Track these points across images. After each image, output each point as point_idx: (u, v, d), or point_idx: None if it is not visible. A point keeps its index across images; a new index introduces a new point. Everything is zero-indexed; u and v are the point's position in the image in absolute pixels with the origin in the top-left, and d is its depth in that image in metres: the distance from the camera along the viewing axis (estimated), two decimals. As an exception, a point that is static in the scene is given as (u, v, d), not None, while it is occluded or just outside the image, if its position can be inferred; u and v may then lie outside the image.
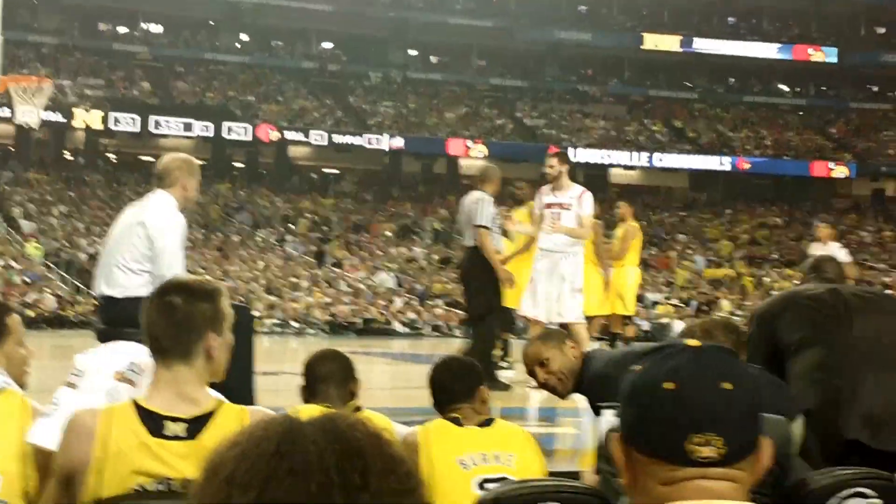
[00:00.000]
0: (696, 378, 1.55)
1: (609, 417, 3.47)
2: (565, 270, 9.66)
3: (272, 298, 26.12)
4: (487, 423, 3.62)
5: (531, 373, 4.34)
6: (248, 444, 1.22)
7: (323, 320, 25.19)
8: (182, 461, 2.69)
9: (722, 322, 3.87)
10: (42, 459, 3.05)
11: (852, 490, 3.13)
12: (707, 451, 1.52)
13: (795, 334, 4.30)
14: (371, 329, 25.08)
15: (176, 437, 2.71)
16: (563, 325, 9.45)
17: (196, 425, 2.72)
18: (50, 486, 2.81)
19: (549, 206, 9.91)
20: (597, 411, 3.76)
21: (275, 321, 24.44)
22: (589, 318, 13.17)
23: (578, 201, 9.71)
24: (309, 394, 3.90)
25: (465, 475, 3.38)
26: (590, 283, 12.77)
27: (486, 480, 3.31)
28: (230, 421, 2.74)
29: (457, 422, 3.60)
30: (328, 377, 3.90)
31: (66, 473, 2.72)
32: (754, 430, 1.57)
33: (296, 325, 24.53)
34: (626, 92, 51.92)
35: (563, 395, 4.29)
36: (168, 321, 2.80)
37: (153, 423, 2.72)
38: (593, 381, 4.16)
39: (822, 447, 3.83)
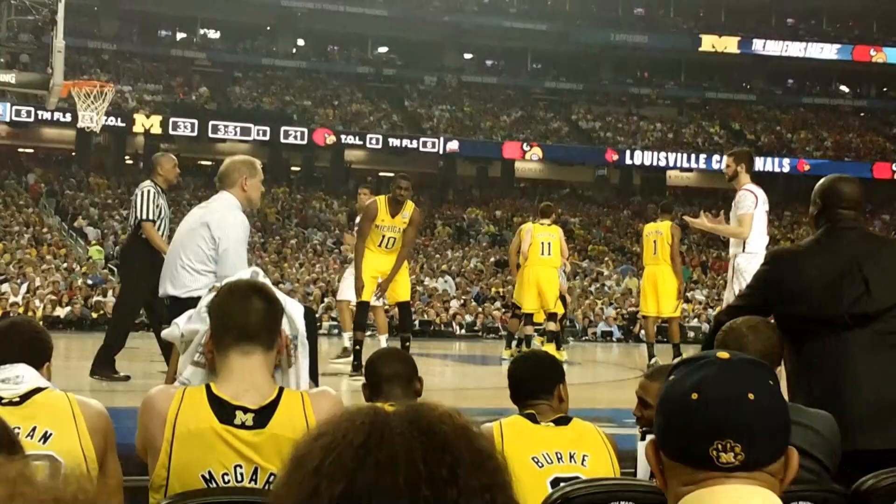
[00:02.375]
0: (721, 388, 1.64)
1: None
2: None
3: (329, 300, 26.21)
4: (564, 421, 3.59)
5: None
6: (336, 434, 1.21)
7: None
8: (251, 450, 2.74)
9: (761, 320, 3.79)
10: (100, 443, 3.16)
11: None
12: (727, 457, 1.61)
13: (793, 319, 4.17)
14: (428, 331, 25.10)
15: (244, 426, 2.75)
16: None
17: (263, 415, 2.78)
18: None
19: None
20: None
21: (332, 323, 24.53)
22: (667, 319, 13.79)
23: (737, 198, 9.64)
24: (373, 393, 3.87)
25: (539, 473, 3.37)
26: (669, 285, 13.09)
27: (559, 479, 3.29)
28: (294, 407, 2.81)
29: (532, 418, 3.58)
30: (393, 376, 3.87)
31: (143, 448, 2.81)
32: (777, 440, 1.65)
33: (353, 327, 24.61)
34: (682, 94, 51.56)
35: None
36: (257, 310, 2.92)
37: (223, 410, 2.78)
38: None
39: None
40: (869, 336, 4.03)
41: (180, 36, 49.82)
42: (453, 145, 44.08)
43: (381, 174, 47.89)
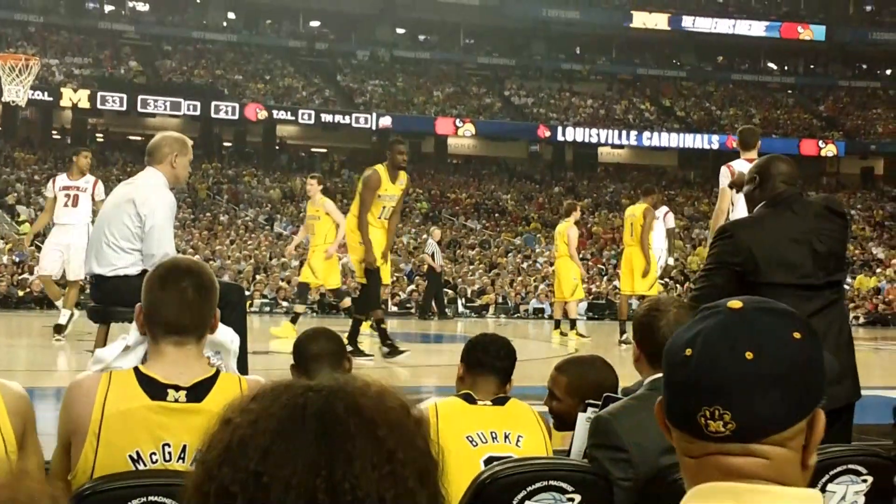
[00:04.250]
0: (715, 345, 1.43)
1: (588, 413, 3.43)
2: None
3: (261, 277, 26.05)
4: (501, 401, 3.60)
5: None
6: (253, 416, 1.24)
7: (312, 300, 25.10)
8: (182, 426, 2.70)
9: (672, 300, 3.82)
10: (19, 425, 3.10)
11: (844, 467, 3.10)
12: (716, 426, 1.40)
13: (753, 285, 4.33)
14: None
15: (177, 402, 2.71)
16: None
17: (197, 391, 2.74)
18: (55, 452, 2.84)
19: None
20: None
21: (263, 301, 24.38)
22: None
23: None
24: (301, 373, 3.82)
25: (473, 452, 3.38)
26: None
27: (493, 458, 3.29)
28: (230, 388, 2.75)
29: (469, 398, 3.58)
30: (321, 355, 3.83)
31: (67, 437, 2.73)
32: (785, 404, 1.41)
33: (285, 304, 24.46)
34: (614, 70, 51.86)
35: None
36: (186, 305, 2.83)
37: (154, 389, 2.74)
38: None
39: None
40: (818, 303, 4.30)
41: (108, 8, 48.91)
42: (386, 121, 43.92)
43: (313, 150, 47.64)
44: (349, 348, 10.36)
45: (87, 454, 2.69)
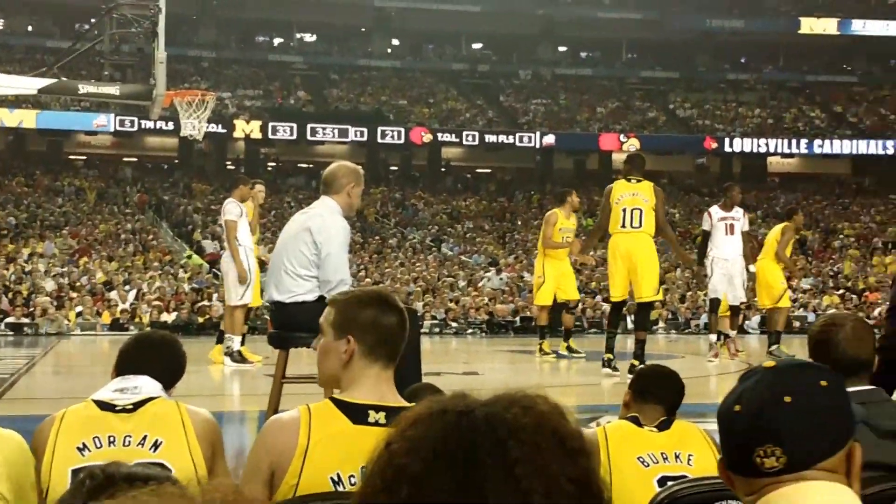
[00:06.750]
0: (758, 397, 1.72)
1: None
2: None
3: (429, 298, 26.35)
4: (666, 424, 3.61)
5: None
6: (412, 441, 1.26)
7: (481, 319, 25.29)
8: None
9: (848, 315, 3.71)
10: (208, 450, 3.24)
11: None
12: (770, 462, 1.67)
13: None
14: (530, 328, 25.05)
15: (377, 424, 2.79)
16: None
17: (398, 414, 2.78)
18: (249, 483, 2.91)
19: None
20: None
21: (433, 322, 24.65)
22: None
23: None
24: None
25: (646, 473, 3.38)
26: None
27: (666, 478, 3.30)
28: None
29: (636, 421, 3.60)
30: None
31: (269, 468, 2.82)
32: (825, 437, 1.69)
33: (454, 324, 24.69)
34: (781, 78, 50.66)
35: None
36: (402, 331, 2.96)
37: (354, 413, 2.82)
38: None
39: None
40: None
41: (277, 41, 50.50)
42: (550, 139, 43.93)
43: (478, 171, 48.02)
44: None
45: (290, 478, 2.78)
